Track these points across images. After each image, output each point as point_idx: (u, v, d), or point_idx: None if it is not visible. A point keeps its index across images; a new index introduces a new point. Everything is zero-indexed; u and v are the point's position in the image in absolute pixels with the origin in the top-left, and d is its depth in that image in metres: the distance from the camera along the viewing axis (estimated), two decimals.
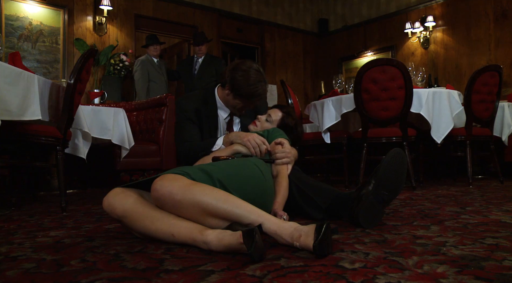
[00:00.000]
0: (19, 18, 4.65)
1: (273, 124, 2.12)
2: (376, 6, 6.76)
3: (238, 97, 2.03)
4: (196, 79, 5.10)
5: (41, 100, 2.25)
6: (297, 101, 3.88)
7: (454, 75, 5.79)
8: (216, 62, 5.19)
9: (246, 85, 1.98)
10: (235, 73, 1.99)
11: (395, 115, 3.06)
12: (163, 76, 5.15)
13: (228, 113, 2.18)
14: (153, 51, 5.06)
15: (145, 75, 4.99)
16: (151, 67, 5.05)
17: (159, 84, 5.07)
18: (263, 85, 2.02)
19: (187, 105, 2.14)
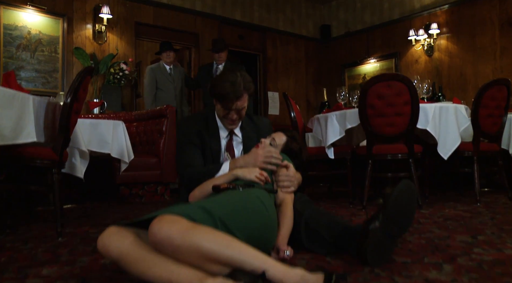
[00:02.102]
0: (18, 27, 4.59)
1: (277, 148, 2.05)
2: (379, 12, 6.68)
3: (216, 102, 1.98)
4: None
5: (36, 121, 2.18)
6: (300, 114, 3.80)
7: (459, 83, 5.71)
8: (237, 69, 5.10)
9: (216, 84, 1.94)
10: (217, 80, 1.97)
11: (401, 131, 2.98)
12: (173, 84, 5.01)
13: (227, 132, 2.11)
14: (166, 58, 4.96)
15: (152, 83, 4.90)
16: (160, 75, 4.95)
17: (166, 92, 4.95)
18: (231, 85, 1.92)
19: (189, 128, 2.07)
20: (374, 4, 6.74)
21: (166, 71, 5.00)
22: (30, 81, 4.63)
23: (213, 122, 2.09)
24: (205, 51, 5.98)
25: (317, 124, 3.48)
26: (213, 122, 2.09)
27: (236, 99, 1.92)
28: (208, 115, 2.12)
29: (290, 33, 7.00)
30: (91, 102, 4.86)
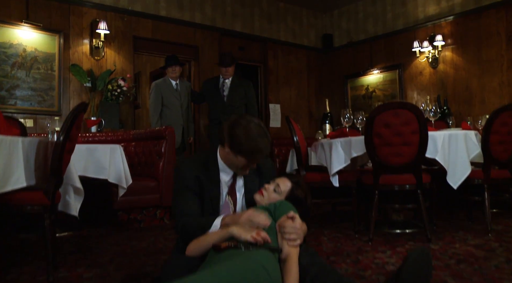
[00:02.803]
0: (13, 45, 4.47)
1: (281, 195, 1.94)
2: (382, 22, 6.55)
3: (239, 155, 1.86)
4: (228, 103, 4.76)
5: (26, 163, 2.07)
6: (303, 137, 3.68)
7: (464, 96, 5.58)
8: (245, 84, 4.91)
9: (246, 141, 1.80)
10: (234, 129, 1.82)
11: (408, 161, 2.86)
12: (179, 100, 4.81)
13: (230, 175, 1.99)
14: (171, 73, 4.78)
15: (158, 100, 4.71)
16: (166, 91, 4.76)
17: (172, 110, 4.76)
18: (265, 140, 1.84)
19: (187, 172, 1.95)
20: (377, 14, 6.61)
21: (172, 87, 4.80)
22: (25, 100, 4.52)
23: (214, 165, 1.98)
24: (206, 64, 5.87)
25: (321, 150, 3.36)
26: (214, 165, 1.98)
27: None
28: (209, 158, 2.00)
29: (292, 43, 6.88)
30: (88, 120, 4.75)
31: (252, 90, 4.99)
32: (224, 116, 4.65)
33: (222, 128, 1.89)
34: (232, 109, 4.71)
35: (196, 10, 5.84)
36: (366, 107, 6.71)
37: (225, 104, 4.76)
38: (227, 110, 4.70)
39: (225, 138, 1.85)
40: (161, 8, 5.53)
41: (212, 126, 4.87)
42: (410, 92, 6.16)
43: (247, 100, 4.89)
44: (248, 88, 4.91)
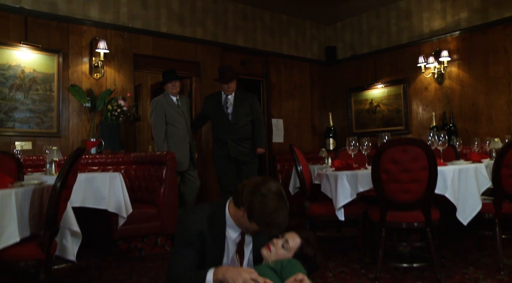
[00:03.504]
0: (11, 66, 4.39)
1: (289, 252, 1.85)
2: (386, 36, 6.45)
3: (254, 222, 1.79)
4: (233, 121, 4.53)
5: (20, 216, 1.98)
6: (307, 166, 3.59)
7: (471, 113, 5.47)
8: (249, 99, 4.67)
9: (263, 213, 1.76)
10: (253, 197, 1.77)
11: (417, 198, 2.77)
12: (183, 116, 4.61)
13: (238, 232, 1.91)
14: (171, 89, 4.57)
15: (162, 119, 4.50)
16: (169, 108, 4.54)
17: (178, 127, 4.56)
18: (284, 212, 1.79)
19: (191, 226, 1.87)
20: (381, 27, 6.51)
21: (174, 103, 4.60)
22: (24, 122, 4.44)
23: (221, 221, 1.89)
24: (207, 80, 5.78)
25: (326, 181, 3.26)
26: (221, 221, 1.89)
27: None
28: (216, 212, 1.91)
29: (294, 56, 6.78)
30: (88, 142, 4.66)
31: (257, 104, 4.78)
32: (229, 136, 4.51)
33: (240, 190, 1.82)
34: (238, 128, 4.53)
35: (197, 25, 5.75)
36: (370, 122, 6.62)
37: (230, 123, 4.54)
38: (233, 129, 4.52)
39: (242, 202, 1.78)
40: (162, 24, 5.44)
41: (217, 147, 4.64)
42: (415, 107, 6.06)
43: (253, 115, 4.66)
44: (253, 102, 4.69)
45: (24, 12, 4.45)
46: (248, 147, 4.60)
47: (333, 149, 6.75)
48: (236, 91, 4.65)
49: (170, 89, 4.56)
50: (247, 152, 4.58)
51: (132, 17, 5.21)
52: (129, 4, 5.20)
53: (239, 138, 4.54)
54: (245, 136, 4.58)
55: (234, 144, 4.52)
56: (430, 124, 5.71)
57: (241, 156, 4.55)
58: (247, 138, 4.60)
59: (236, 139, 4.52)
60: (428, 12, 5.92)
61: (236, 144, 4.53)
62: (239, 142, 4.54)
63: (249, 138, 4.62)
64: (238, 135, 4.53)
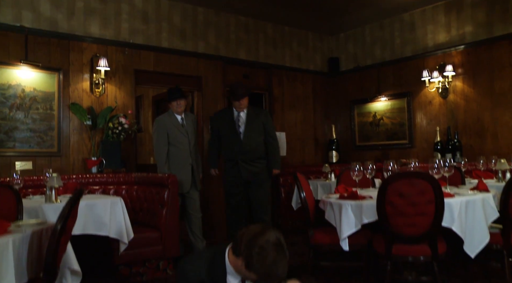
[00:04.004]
0: (12, 86, 4.35)
1: None
2: (390, 48, 6.38)
3: (252, 272, 1.76)
4: (245, 141, 4.34)
5: (17, 263, 1.93)
6: (311, 193, 3.54)
7: (476, 129, 5.41)
8: (262, 116, 4.47)
9: (262, 265, 1.74)
10: (251, 249, 1.74)
11: (423, 232, 2.71)
12: (187, 137, 4.41)
13: (239, 279, 1.87)
14: (176, 108, 4.38)
15: (164, 139, 4.33)
16: (172, 128, 4.36)
17: (180, 149, 4.37)
18: (283, 263, 1.76)
19: (191, 276, 1.83)
20: (385, 39, 6.44)
21: (178, 122, 4.42)
22: (24, 142, 4.40)
23: (221, 269, 1.85)
24: (209, 94, 5.74)
25: (330, 210, 3.20)
26: (221, 269, 1.85)
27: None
28: (215, 259, 1.87)
29: (297, 68, 6.72)
30: (89, 161, 4.62)
31: (271, 121, 4.59)
32: (241, 156, 4.34)
33: (239, 239, 1.78)
34: (250, 148, 4.34)
35: (199, 39, 5.70)
36: (373, 135, 6.56)
37: (242, 143, 4.34)
38: (245, 149, 4.33)
39: (240, 252, 1.75)
40: (163, 39, 5.39)
41: (228, 167, 4.46)
42: (419, 121, 5.99)
43: (266, 134, 4.47)
44: (266, 119, 4.49)
45: (25, 30, 4.41)
46: (260, 167, 4.40)
47: (336, 161, 6.70)
48: (248, 107, 4.46)
49: (175, 107, 4.40)
50: (259, 173, 4.39)
51: (133, 32, 5.16)
52: (130, 20, 5.15)
53: (250, 158, 4.35)
54: (257, 156, 4.39)
55: (245, 165, 4.34)
56: (434, 138, 5.64)
57: (252, 177, 4.36)
58: (259, 158, 4.41)
59: (247, 159, 4.34)
60: (433, 25, 5.86)
61: (248, 165, 4.34)
62: (250, 162, 4.35)
63: (261, 158, 4.42)
64: (250, 156, 4.35)
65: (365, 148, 6.66)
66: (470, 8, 5.46)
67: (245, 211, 4.51)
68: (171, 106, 4.43)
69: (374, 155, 6.50)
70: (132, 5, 5.18)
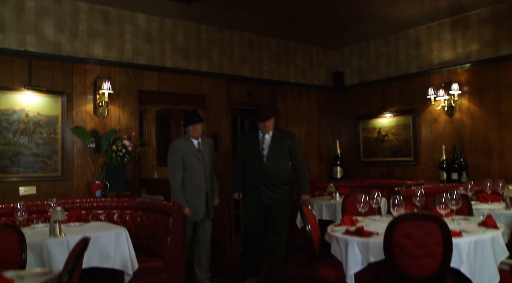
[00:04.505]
0: (15, 111, 4.34)
1: None
2: (395, 64, 6.34)
3: None
4: (268, 165, 4.23)
5: None
6: (317, 225, 3.50)
7: (482, 148, 5.36)
8: (288, 140, 4.34)
9: None
10: None
11: (431, 273, 2.67)
12: (203, 163, 4.27)
13: None
14: (192, 132, 4.26)
15: (178, 165, 4.20)
16: (188, 153, 4.23)
17: (196, 175, 4.22)
18: None
19: None
20: (390, 55, 6.40)
21: (194, 147, 4.29)
22: (28, 167, 4.39)
23: None
24: (213, 112, 5.72)
25: (336, 244, 3.16)
26: None
27: None
28: None
29: (301, 84, 6.69)
30: (93, 184, 4.61)
31: (297, 145, 4.45)
32: (262, 180, 4.23)
33: None
34: (272, 173, 4.22)
35: (202, 57, 5.67)
36: (378, 151, 6.52)
37: (264, 167, 4.23)
38: (267, 173, 4.22)
39: None
40: (166, 58, 5.37)
41: (248, 191, 4.35)
42: (424, 139, 5.95)
43: (293, 158, 4.35)
44: (293, 143, 4.36)
45: (28, 54, 4.40)
46: (282, 193, 4.28)
47: (340, 177, 6.66)
48: (275, 129, 4.35)
49: (191, 132, 4.27)
50: (281, 199, 4.27)
51: (137, 52, 5.14)
52: (134, 40, 5.13)
53: (272, 183, 4.23)
54: (280, 182, 4.27)
55: (266, 190, 4.22)
56: (440, 156, 5.59)
57: (272, 203, 4.25)
58: (282, 183, 4.29)
59: (269, 184, 4.22)
60: (438, 42, 5.81)
61: (269, 190, 4.23)
62: (272, 188, 4.23)
63: (284, 183, 4.31)
64: (272, 181, 4.22)
65: (370, 164, 6.61)
66: (476, 26, 5.41)
67: (262, 234, 4.42)
68: (188, 130, 4.32)
69: (379, 171, 6.47)
70: (135, 25, 5.16)
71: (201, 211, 4.26)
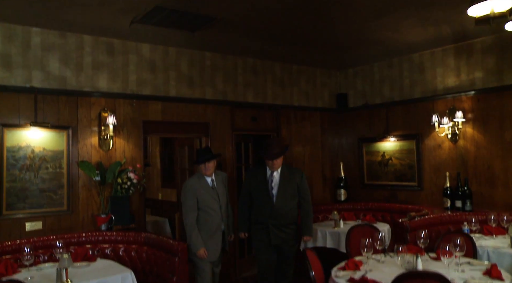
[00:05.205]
0: (21, 147, 4.38)
1: None
2: (399, 88, 6.34)
3: None
4: (277, 205, 4.18)
5: None
6: (321, 271, 3.51)
7: (486, 177, 5.35)
8: (297, 177, 4.29)
9: None
10: None
11: None
12: (218, 201, 4.14)
13: None
14: (204, 170, 4.12)
15: (193, 205, 4.06)
16: (202, 192, 4.10)
17: (212, 214, 4.10)
18: None
19: None
20: (394, 79, 6.40)
21: (208, 185, 4.15)
22: (34, 202, 4.43)
23: None
24: (217, 140, 5.74)
25: None
26: None
27: None
28: None
29: (305, 106, 6.70)
30: (98, 218, 4.64)
31: (306, 183, 4.39)
32: (272, 221, 4.18)
33: None
34: (282, 213, 4.18)
35: (206, 85, 5.69)
36: (382, 175, 6.52)
37: (274, 207, 4.18)
38: (277, 214, 4.17)
39: None
40: (171, 87, 5.40)
41: (257, 230, 4.30)
42: (428, 165, 5.94)
43: (300, 196, 4.32)
44: (301, 180, 4.30)
45: (34, 90, 4.44)
46: (291, 232, 4.28)
47: (344, 199, 6.67)
48: (283, 166, 4.27)
49: (203, 170, 4.14)
50: (290, 239, 4.26)
51: (141, 83, 5.17)
52: (138, 71, 5.16)
53: (282, 224, 4.20)
54: (289, 221, 4.24)
55: (276, 230, 4.19)
56: (444, 183, 5.59)
57: (282, 244, 4.23)
58: (291, 223, 4.27)
59: (279, 225, 4.19)
60: (442, 68, 5.80)
61: (279, 231, 4.20)
62: (282, 228, 4.21)
63: (293, 223, 4.30)
64: (281, 221, 4.19)
65: (373, 187, 6.62)
66: (480, 53, 5.40)
67: (274, 266, 4.42)
68: (200, 169, 4.21)
69: (382, 195, 6.47)
70: (139, 55, 5.19)
71: (217, 252, 4.17)
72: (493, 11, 2.99)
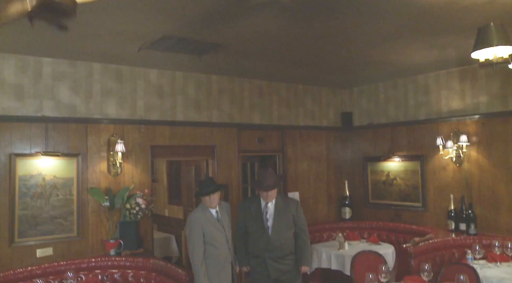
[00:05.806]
0: (33, 176, 4.48)
1: None
2: (404, 109, 6.38)
3: None
4: (273, 237, 4.09)
5: None
6: None
7: (491, 201, 5.38)
8: (292, 207, 4.21)
9: None
10: None
11: None
12: (224, 233, 4.03)
13: None
14: (209, 203, 4.00)
15: (198, 239, 3.92)
16: (208, 226, 3.97)
17: (219, 248, 3.97)
18: None
19: None
20: (399, 99, 6.45)
21: (213, 217, 4.03)
22: (45, 229, 4.53)
23: None
24: (223, 162, 5.81)
25: None
26: None
27: None
28: None
29: (311, 126, 6.76)
30: (107, 243, 4.73)
31: (302, 213, 4.30)
32: (268, 254, 4.09)
33: None
34: (278, 245, 4.10)
35: (213, 108, 5.77)
36: (386, 194, 6.57)
37: (270, 239, 4.09)
38: (273, 246, 4.09)
39: None
40: (178, 112, 5.48)
41: (255, 265, 4.20)
42: (432, 186, 5.98)
43: (297, 226, 4.23)
44: (296, 211, 4.22)
45: (45, 119, 4.54)
46: (291, 263, 4.18)
47: (349, 218, 6.73)
48: (277, 197, 4.19)
49: (207, 203, 4.02)
50: (290, 270, 4.17)
51: (149, 108, 5.26)
52: (146, 96, 5.25)
53: (279, 256, 4.11)
54: (287, 253, 4.15)
55: (274, 263, 4.09)
56: (448, 205, 5.63)
57: (282, 276, 4.13)
58: (289, 254, 4.18)
59: (276, 257, 4.10)
60: (447, 91, 5.84)
61: (277, 263, 4.10)
62: (280, 260, 4.11)
63: (291, 254, 4.20)
64: (279, 253, 4.10)
65: (378, 206, 6.67)
66: (484, 78, 5.44)
67: None
68: (204, 201, 4.05)
69: (387, 214, 6.52)
70: (147, 81, 5.28)
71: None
72: (496, 57, 3.06)
